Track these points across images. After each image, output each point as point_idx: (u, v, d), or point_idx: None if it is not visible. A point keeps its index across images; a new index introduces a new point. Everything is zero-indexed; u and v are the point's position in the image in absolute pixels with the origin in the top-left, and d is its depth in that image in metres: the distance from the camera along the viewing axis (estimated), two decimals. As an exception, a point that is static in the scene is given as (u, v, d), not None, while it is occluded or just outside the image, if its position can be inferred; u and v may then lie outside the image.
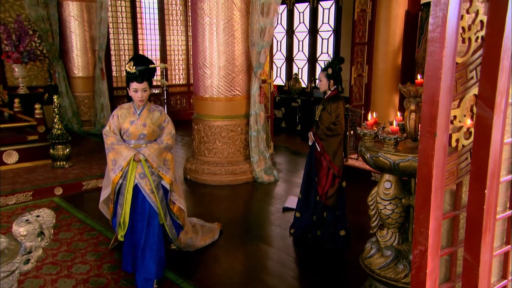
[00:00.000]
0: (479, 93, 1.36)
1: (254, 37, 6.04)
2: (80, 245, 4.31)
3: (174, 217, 3.63)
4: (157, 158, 3.40)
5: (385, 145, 3.07)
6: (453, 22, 1.25)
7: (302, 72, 10.19)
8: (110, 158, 3.45)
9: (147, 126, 3.43)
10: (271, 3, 5.91)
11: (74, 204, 5.42)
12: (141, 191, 3.41)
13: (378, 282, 3.28)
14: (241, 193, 5.93)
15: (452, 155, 1.43)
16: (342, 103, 4.18)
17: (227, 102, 6.23)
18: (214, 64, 6.14)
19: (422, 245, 1.36)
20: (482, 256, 1.44)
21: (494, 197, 1.43)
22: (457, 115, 1.42)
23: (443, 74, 1.27)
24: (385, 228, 3.35)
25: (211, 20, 6.04)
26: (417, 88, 3.18)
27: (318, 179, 4.16)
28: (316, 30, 9.74)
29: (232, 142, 6.28)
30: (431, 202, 1.34)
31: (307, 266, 3.99)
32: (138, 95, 3.32)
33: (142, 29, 10.92)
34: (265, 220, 5.06)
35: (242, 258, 4.11)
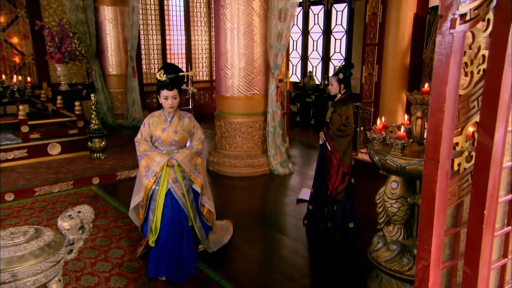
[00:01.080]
0: (480, 122, 1.34)
1: (272, 40, 6.00)
2: (115, 231, 4.36)
3: (204, 219, 3.53)
4: (188, 163, 3.30)
5: (393, 149, 3.04)
6: (457, 59, 1.23)
7: (316, 70, 10.09)
8: (142, 165, 3.31)
9: (178, 133, 3.32)
10: (288, 9, 5.85)
11: (110, 193, 5.49)
12: (174, 196, 3.30)
13: (384, 274, 3.28)
14: (259, 185, 5.94)
15: (454, 178, 1.42)
16: (351, 105, 4.13)
17: (246, 100, 6.22)
18: (235, 65, 6.12)
19: (425, 260, 1.36)
20: (480, 270, 1.43)
21: (492, 216, 1.41)
22: (459, 142, 1.40)
23: (446, 107, 1.25)
24: (391, 224, 3.34)
25: (232, 25, 6.01)
26: (424, 96, 3.12)
27: (329, 176, 4.14)
28: (329, 31, 9.60)
29: (251, 137, 6.29)
30: (434, 222, 1.33)
31: (318, 255, 3.99)
32: (168, 102, 3.20)
33: (170, 30, 10.92)
34: (281, 211, 5.06)
35: (259, 247, 4.13)
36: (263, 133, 6.34)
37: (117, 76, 9.53)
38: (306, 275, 3.65)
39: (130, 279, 3.47)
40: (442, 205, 1.33)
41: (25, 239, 2.38)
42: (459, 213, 1.50)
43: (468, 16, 1.21)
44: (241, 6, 5.89)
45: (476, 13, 1.22)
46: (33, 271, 2.31)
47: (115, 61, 9.45)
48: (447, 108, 1.25)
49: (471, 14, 1.21)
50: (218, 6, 6.10)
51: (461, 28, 1.19)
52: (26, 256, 2.29)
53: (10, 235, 2.41)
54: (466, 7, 1.18)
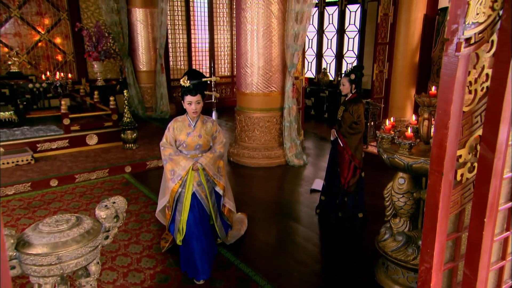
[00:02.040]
0: (483, 137, 1.32)
1: (289, 41, 5.95)
2: (146, 217, 4.42)
3: (224, 218, 3.46)
4: (212, 166, 3.20)
5: (401, 148, 3.02)
6: (461, 80, 1.21)
7: (330, 67, 9.96)
8: (168, 169, 3.20)
9: (202, 137, 3.21)
10: (304, 11, 5.77)
11: (140, 181, 5.56)
12: (198, 198, 3.21)
13: (390, 262, 3.29)
14: (275, 175, 5.95)
15: (457, 187, 1.40)
16: (362, 104, 4.09)
17: (264, 97, 6.21)
18: (254, 64, 6.11)
19: (427, 263, 1.36)
20: (480, 272, 1.43)
21: (492, 223, 1.40)
22: (462, 154, 1.38)
23: (450, 124, 1.24)
24: (398, 217, 3.33)
25: (252, 27, 5.98)
26: (431, 99, 3.07)
27: (341, 170, 4.13)
28: (343, 30, 9.44)
29: (268, 131, 6.29)
30: (437, 228, 1.33)
31: (329, 243, 3.99)
32: (192, 107, 3.09)
33: (195, 29, 10.92)
34: (295, 200, 5.05)
35: (275, 233, 4.14)
36: (280, 127, 6.34)
37: (147, 72, 9.61)
38: (317, 261, 3.66)
39: (159, 260, 3.54)
40: (444, 213, 1.32)
41: (68, 226, 2.47)
42: (461, 219, 1.49)
43: (473, 40, 1.18)
44: (260, 10, 5.85)
45: (481, 36, 1.19)
46: (75, 255, 2.40)
47: (145, 58, 9.53)
48: (451, 125, 1.24)
49: (475, 37, 1.18)
50: (240, 9, 6.07)
51: (466, 51, 1.17)
52: (69, 242, 2.38)
53: (55, 223, 2.50)
54: (471, 31, 1.16)
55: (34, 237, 2.39)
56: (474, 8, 1.12)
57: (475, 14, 1.14)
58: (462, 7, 1.11)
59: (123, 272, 3.36)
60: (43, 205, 4.76)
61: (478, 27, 1.17)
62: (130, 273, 3.35)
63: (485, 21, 1.17)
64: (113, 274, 3.34)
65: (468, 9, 1.11)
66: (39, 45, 8.78)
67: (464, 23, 1.13)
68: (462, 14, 1.12)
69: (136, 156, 6.36)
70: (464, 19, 1.12)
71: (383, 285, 3.30)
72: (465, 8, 1.11)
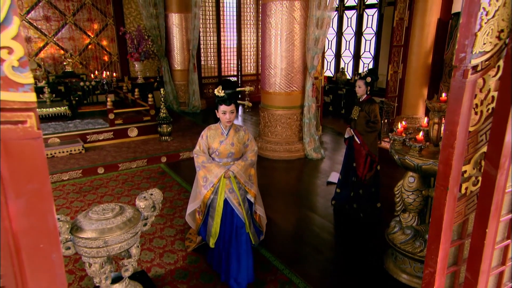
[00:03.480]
0: (487, 154, 1.29)
1: (310, 44, 5.87)
2: (178, 203, 4.49)
3: (257, 225, 3.27)
4: (244, 174, 3.00)
5: (411, 150, 2.96)
6: (467, 103, 1.18)
7: (348, 67, 9.76)
8: (200, 175, 3.03)
9: (235, 145, 3.00)
10: (325, 18, 5.67)
11: (174, 170, 5.63)
12: (230, 204, 3.02)
13: (398, 253, 3.26)
14: (295, 167, 5.94)
15: (461, 200, 1.38)
16: (377, 104, 4.03)
17: (286, 96, 6.18)
18: (277, 66, 6.08)
19: (431, 267, 1.36)
20: (480, 276, 1.41)
21: (493, 233, 1.37)
22: (467, 170, 1.35)
23: (456, 143, 1.22)
24: (407, 212, 3.28)
25: (276, 32, 5.93)
26: (441, 105, 2.98)
27: (357, 165, 4.08)
28: (361, 32, 9.20)
29: (289, 127, 6.28)
30: (441, 237, 1.31)
31: (343, 232, 3.98)
32: (226, 116, 2.87)
33: (224, 31, 10.92)
34: (312, 191, 5.04)
35: (294, 222, 4.14)
36: (300, 123, 6.31)
37: (181, 71, 9.72)
38: (331, 249, 3.66)
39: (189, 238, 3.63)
40: (449, 223, 1.31)
41: (113, 214, 2.57)
42: (464, 227, 1.47)
43: (480, 67, 1.15)
44: (284, 16, 5.78)
45: (487, 63, 1.16)
46: (119, 239, 2.49)
47: (180, 58, 9.63)
48: (457, 144, 1.21)
49: (482, 65, 1.15)
50: (265, 16, 6.02)
51: (473, 77, 1.14)
52: (114, 229, 2.48)
53: (102, 211, 2.60)
54: (477, 60, 1.12)
55: (85, 223, 2.51)
56: (481, 39, 1.09)
57: (482, 44, 1.10)
58: (470, 38, 1.08)
59: (159, 253, 3.48)
60: (92, 190, 4.94)
61: (484, 55, 1.13)
62: (165, 254, 3.46)
63: (491, 49, 1.14)
64: (150, 254, 3.46)
65: (476, 40, 1.08)
66: (89, 47, 9.03)
67: (471, 53, 1.10)
68: (469, 44, 1.09)
69: (170, 147, 6.47)
70: (472, 48, 1.09)
71: (391, 273, 3.29)
72: (472, 39, 1.08)
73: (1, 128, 0.53)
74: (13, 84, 0.54)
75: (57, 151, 5.89)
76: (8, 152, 0.54)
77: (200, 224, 3.16)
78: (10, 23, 0.51)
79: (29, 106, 0.55)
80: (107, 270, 2.59)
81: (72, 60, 8.71)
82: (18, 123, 0.55)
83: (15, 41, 0.53)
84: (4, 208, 0.56)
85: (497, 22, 1.09)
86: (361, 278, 3.20)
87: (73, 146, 6.04)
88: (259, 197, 3.23)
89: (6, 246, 0.57)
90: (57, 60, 8.67)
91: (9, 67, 0.53)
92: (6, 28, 0.52)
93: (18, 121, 0.55)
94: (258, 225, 3.27)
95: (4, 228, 0.56)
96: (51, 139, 6.11)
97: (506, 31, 1.13)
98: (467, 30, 1.08)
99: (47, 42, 8.53)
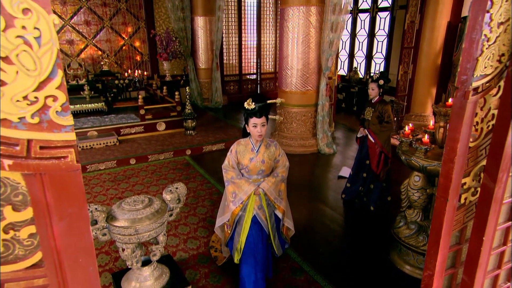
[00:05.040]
0: (486, 168, 1.26)
1: (324, 47, 5.79)
2: (201, 193, 4.54)
3: (282, 237, 2.95)
4: (274, 191, 2.70)
5: (417, 152, 2.91)
6: (468, 122, 1.16)
7: (360, 66, 9.56)
8: (230, 191, 2.74)
9: (265, 162, 2.68)
10: (339, 22, 5.57)
11: (198, 162, 5.69)
12: (258, 220, 2.75)
13: (403, 246, 3.24)
14: (308, 161, 5.92)
15: (461, 209, 1.36)
16: (389, 105, 3.97)
17: (301, 95, 6.14)
18: (294, 67, 6.03)
19: (430, 270, 1.35)
20: (476, 279, 1.40)
21: (490, 241, 1.35)
22: (467, 182, 1.33)
23: (456, 159, 1.20)
24: (412, 208, 3.25)
25: (293, 35, 5.87)
26: (447, 109, 2.91)
27: (371, 162, 4.04)
28: (373, 34, 8.97)
29: (304, 124, 6.24)
30: (440, 243, 1.30)
31: (352, 225, 3.96)
32: (257, 130, 2.54)
33: (245, 32, 10.86)
34: (324, 185, 5.02)
35: (306, 214, 4.15)
36: (314, 120, 6.26)
37: (205, 69, 9.76)
38: (341, 240, 3.66)
39: (211, 231, 3.65)
40: (447, 231, 1.30)
41: (142, 206, 2.65)
42: (463, 233, 1.45)
43: (481, 89, 1.12)
44: (300, 20, 5.71)
45: (488, 85, 1.13)
46: (148, 228, 2.58)
47: (204, 58, 9.66)
48: (457, 160, 1.20)
49: (483, 86, 1.12)
50: (283, 20, 5.96)
51: (473, 98, 1.12)
52: (143, 219, 2.57)
53: (134, 202, 2.69)
54: (478, 82, 1.10)
55: (118, 213, 2.61)
56: (482, 63, 1.06)
57: (483, 68, 1.07)
58: (472, 62, 1.06)
59: (183, 239, 3.57)
60: (124, 179, 5.09)
61: (485, 78, 1.10)
62: (188, 240, 3.56)
63: (492, 72, 1.11)
64: (176, 240, 3.56)
65: (477, 64, 1.05)
66: (123, 48, 9.20)
67: (472, 76, 1.07)
68: (471, 68, 1.07)
69: (194, 141, 6.54)
70: (473, 72, 1.07)
71: (395, 264, 3.27)
72: (474, 64, 1.05)
73: (47, 163, 0.58)
74: (57, 126, 0.59)
75: (95, 143, 6.09)
76: (52, 183, 0.58)
77: (228, 237, 2.89)
78: (55, 75, 0.56)
79: (70, 144, 0.60)
80: (138, 254, 2.69)
81: (108, 60, 8.90)
82: (61, 158, 0.60)
83: (59, 90, 0.57)
84: (49, 229, 0.61)
85: (498, 47, 1.06)
86: (367, 268, 3.20)
87: (108, 139, 6.22)
88: (288, 210, 2.93)
89: (51, 260, 0.62)
90: (95, 60, 8.89)
91: (54, 112, 0.58)
92: (52, 80, 0.56)
93: (61, 157, 0.60)
94: (284, 237, 2.96)
95: (49, 246, 0.61)
96: (90, 132, 6.31)
97: (507, 54, 1.09)
98: (469, 55, 1.06)
99: (87, 44, 8.75)
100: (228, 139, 6.71)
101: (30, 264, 0.62)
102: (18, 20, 0.52)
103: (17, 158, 0.57)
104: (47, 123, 0.57)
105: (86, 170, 5.33)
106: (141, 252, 2.76)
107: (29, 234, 0.61)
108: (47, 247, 0.61)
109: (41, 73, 0.54)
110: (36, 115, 0.57)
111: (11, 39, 0.53)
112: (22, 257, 0.61)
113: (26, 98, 0.56)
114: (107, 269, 3.15)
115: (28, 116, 0.56)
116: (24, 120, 0.56)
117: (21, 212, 0.60)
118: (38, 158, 0.57)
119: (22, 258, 0.61)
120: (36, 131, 0.57)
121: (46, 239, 0.60)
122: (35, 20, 0.53)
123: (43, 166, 0.58)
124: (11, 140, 0.56)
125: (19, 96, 0.55)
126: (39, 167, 0.57)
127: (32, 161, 0.57)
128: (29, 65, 0.55)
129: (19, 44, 0.54)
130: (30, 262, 0.63)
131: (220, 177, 4.98)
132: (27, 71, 0.55)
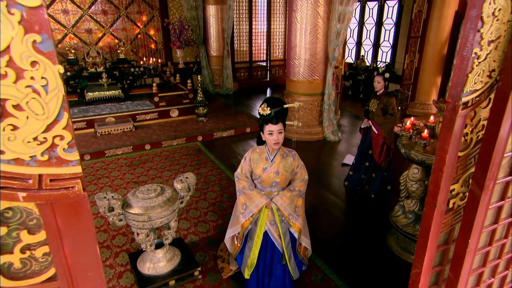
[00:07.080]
0: (474, 176, 1.26)
1: (332, 37, 5.66)
2: (211, 179, 4.58)
3: (300, 257, 2.53)
4: (288, 206, 2.34)
5: (416, 146, 2.89)
6: (457, 133, 1.16)
7: (368, 54, 9.33)
8: (240, 202, 2.44)
9: (280, 174, 2.34)
10: (346, 13, 5.41)
11: (208, 148, 5.71)
12: (270, 237, 2.43)
13: (400, 234, 3.27)
14: (314, 148, 5.92)
15: (449, 213, 1.37)
16: (394, 97, 3.91)
17: (309, 84, 6.07)
18: (301, 57, 5.93)
19: (418, 269, 1.38)
20: (461, 277, 1.42)
21: (476, 242, 1.37)
22: (455, 188, 1.33)
23: (445, 168, 1.20)
24: (410, 198, 3.26)
25: (301, 26, 5.74)
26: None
27: (374, 152, 4.04)
28: (381, 23, 8.69)
29: (310, 112, 6.20)
30: (428, 245, 1.33)
31: (353, 212, 3.98)
32: (274, 137, 2.21)
33: (256, 20, 10.65)
34: (328, 172, 5.02)
35: (310, 199, 4.14)
36: (320, 108, 6.21)
37: (216, 57, 9.69)
38: (342, 226, 3.70)
39: (220, 215, 3.76)
40: (435, 234, 1.32)
41: (155, 194, 2.74)
42: (450, 234, 1.46)
43: (470, 103, 1.11)
44: (309, 11, 5.57)
45: (477, 99, 1.11)
46: (160, 215, 2.67)
47: (216, 46, 9.56)
48: (446, 169, 1.20)
49: (472, 101, 1.11)
50: (291, 11, 5.82)
51: (463, 112, 1.11)
52: (156, 206, 2.66)
53: (147, 191, 2.78)
54: (468, 97, 1.08)
55: (133, 200, 2.70)
56: (472, 79, 1.04)
57: (473, 84, 1.06)
58: (462, 78, 1.04)
59: (194, 223, 3.67)
60: (140, 164, 5.20)
61: (475, 93, 1.09)
62: (199, 224, 3.66)
63: (482, 87, 1.09)
64: (187, 223, 3.67)
65: (467, 80, 1.04)
66: (138, 37, 9.17)
67: (462, 91, 1.06)
68: (461, 83, 1.05)
69: (206, 127, 6.57)
70: (463, 87, 1.06)
71: (393, 251, 3.32)
72: (464, 80, 1.04)
73: (57, 193, 0.63)
74: (65, 161, 0.63)
75: (112, 129, 6.20)
76: (62, 210, 0.63)
77: (237, 251, 2.58)
78: (61, 117, 0.59)
79: (77, 175, 0.65)
80: (151, 238, 2.80)
81: (125, 48, 8.92)
82: (69, 188, 0.65)
83: (66, 130, 0.61)
84: (61, 249, 0.66)
85: (488, 63, 1.03)
86: (366, 253, 3.26)
87: (125, 125, 6.32)
88: (305, 228, 2.52)
89: (64, 275, 0.68)
90: (112, 48, 8.91)
91: (61, 150, 0.62)
92: (59, 121, 0.60)
93: (69, 187, 0.65)
94: (302, 258, 2.54)
95: (61, 263, 0.67)
96: (108, 118, 6.41)
97: (497, 70, 1.07)
98: (459, 71, 1.04)
99: (104, 32, 8.75)
100: (238, 125, 6.73)
101: (45, 278, 0.69)
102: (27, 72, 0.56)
103: (30, 191, 0.62)
104: (55, 159, 0.62)
105: (104, 155, 5.46)
106: (155, 236, 2.86)
107: (43, 253, 0.67)
108: (60, 264, 0.67)
109: (49, 117, 0.58)
110: (45, 153, 0.61)
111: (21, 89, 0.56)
112: (38, 272, 0.67)
113: (36, 139, 0.60)
114: (124, 249, 3.29)
115: (39, 154, 0.61)
116: (35, 158, 0.61)
117: (35, 235, 0.66)
118: (48, 190, 0.62)
119: (38, 273, 0.67)
120: (46, 167, 0.62)
121: (58, 257, 0.66)
122: (42, 71, 0.57)
123: (53, 196, 0.63)
124: (24, 175, 0.60)
125: (30, 137, 0.60)
126: (49, 197, 0.62)
127: (44, 192, 0.62)
128: (38, 110, 0.59)
129: (28, 92, 0.58)
130: (45, 277, 0.69)
131: (230, 163, 5.09)
132: (36, 115, 0.59)
